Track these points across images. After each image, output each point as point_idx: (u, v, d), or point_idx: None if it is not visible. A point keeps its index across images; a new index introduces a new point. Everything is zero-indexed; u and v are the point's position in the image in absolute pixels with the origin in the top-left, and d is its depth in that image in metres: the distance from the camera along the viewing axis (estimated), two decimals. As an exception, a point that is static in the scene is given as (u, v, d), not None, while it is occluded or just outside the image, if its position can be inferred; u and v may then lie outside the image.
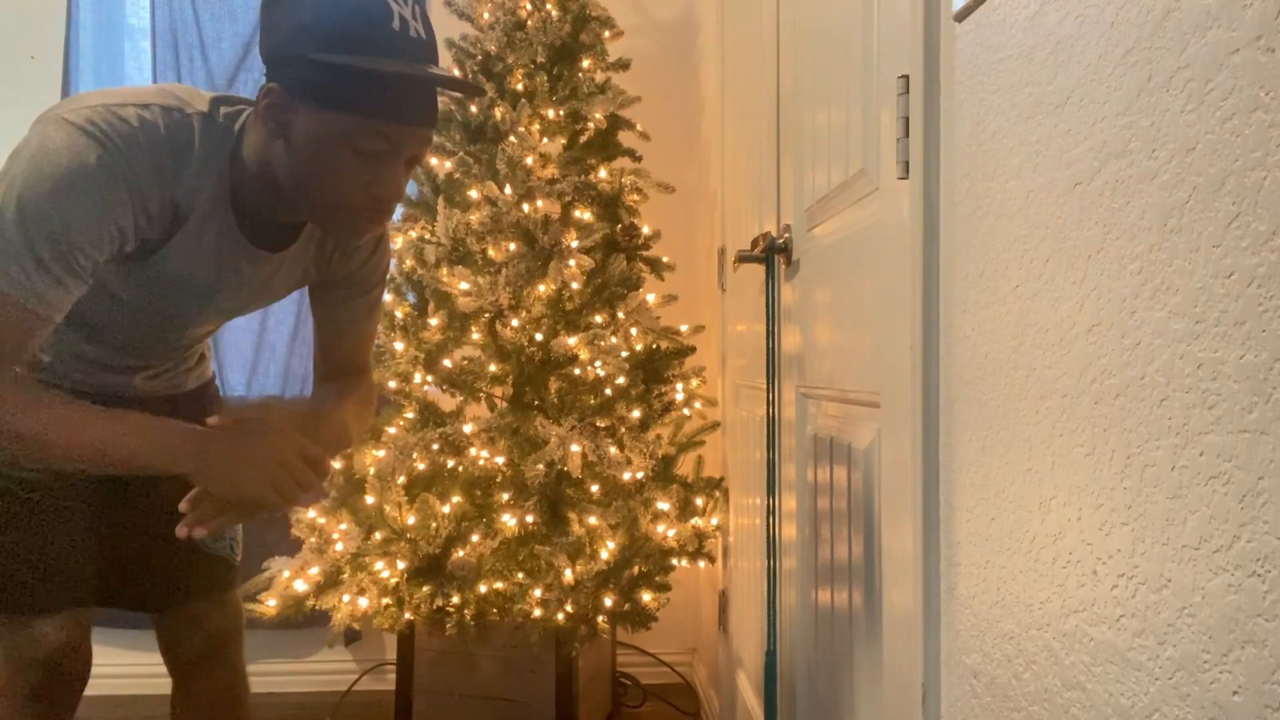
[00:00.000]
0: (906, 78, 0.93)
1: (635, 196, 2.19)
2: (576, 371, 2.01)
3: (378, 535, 1.92)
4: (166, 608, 1.34)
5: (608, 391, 1.99)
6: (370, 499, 1.97)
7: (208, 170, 1.04)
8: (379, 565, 1.89)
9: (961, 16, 0.83)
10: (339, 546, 1.92)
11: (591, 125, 2.17)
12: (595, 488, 1.99)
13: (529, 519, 1.92)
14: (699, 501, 2.12)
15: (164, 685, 1.38)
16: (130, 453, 0.98)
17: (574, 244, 1.96)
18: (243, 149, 1.05)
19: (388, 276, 1.35)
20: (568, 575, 1.84)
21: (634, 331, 2.08)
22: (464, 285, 1.95)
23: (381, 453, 1.95)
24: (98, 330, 1.16)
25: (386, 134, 0.99)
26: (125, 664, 2.35)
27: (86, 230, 0.95)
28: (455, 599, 1.86)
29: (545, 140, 2.11)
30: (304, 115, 0.98)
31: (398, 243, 2.08)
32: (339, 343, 1.30)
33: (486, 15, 2.14)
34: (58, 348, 1.17)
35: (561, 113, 2.12)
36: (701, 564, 2.13)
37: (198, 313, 1.18)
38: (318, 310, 1.29)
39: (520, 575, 1.88)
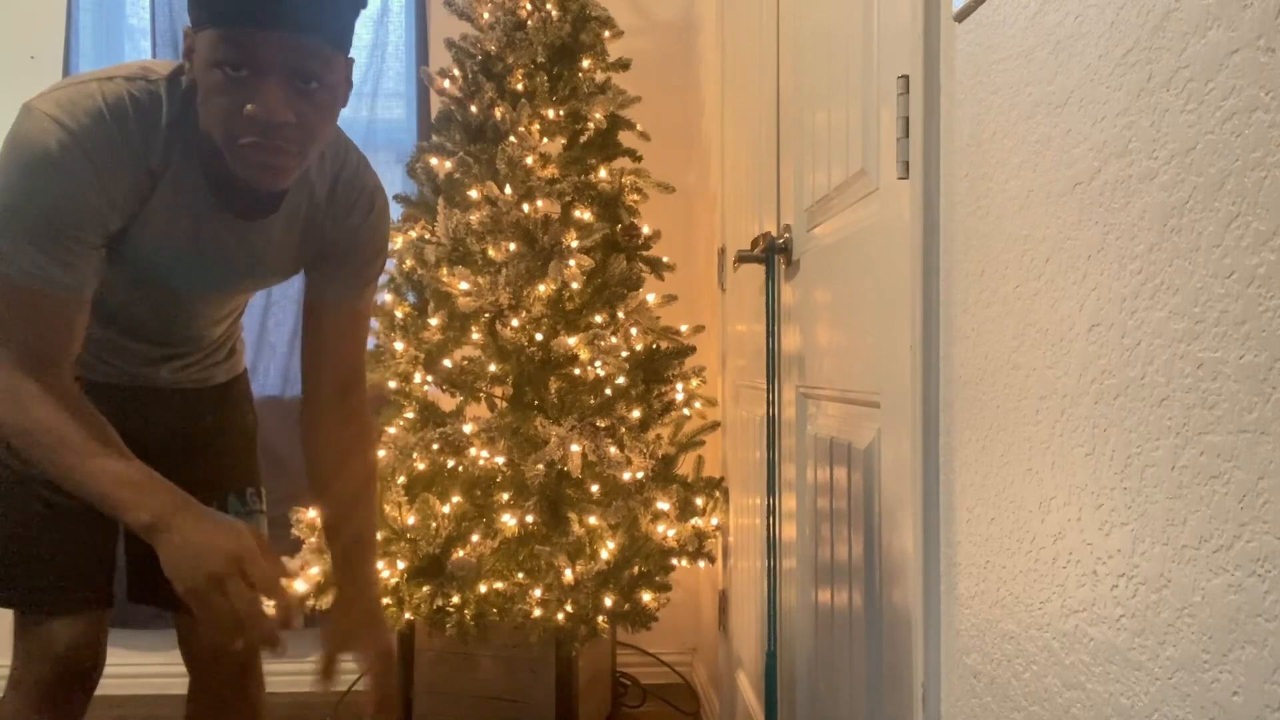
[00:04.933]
0: (906, 78, 0.93)
1: (635, 196, 2.18)
2: (576, 371, 2.01)
3: (378, 535, 1.92)
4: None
5: (608, 391, 1.99)
6: (370, 499, 1.97)
7: (175, 135, 1.03)
8: (379, 565, 1.89)
9: (961, 17, 0.83)
10: (339, 546, 1.92)
11: (591, 125, 2.17)
12: (595, 488, 1.98)
13: (529, 519, 1.92)
14: (699, 501, 2.12)
15: (165, 685, 1.38)
16: (109, 481, 0.98)
17: (574, 244, 1.96)
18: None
19: (384, 263, 1.29)
20: (568, 575, 1.84)
21: (634, 331, 2.08)
22: (464, 285, 1.95)
23: (381, 453, 1.95)
24: (102, 312, 1.15)
25: (240, 42, 0.92)
26: (125, 664, 2.34)
27: (65, 212, 0.97)
28: (455, 599, 1.86)
29: (545, 140, 2.11)
30: (193, 46, 0.96)
31: (398, 243, 2.08)
32: (331, 342, 1.24)
33: (486, 15, 2.14)
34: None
35: (561, 113, 2.12)
36: (701, 564, 2.13)
37: (192, 291, 1.17)
38: (311, 294, 1.23)
39: (520, 575, 1.88)
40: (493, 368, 2.03)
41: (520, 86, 2.12)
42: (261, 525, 1.40)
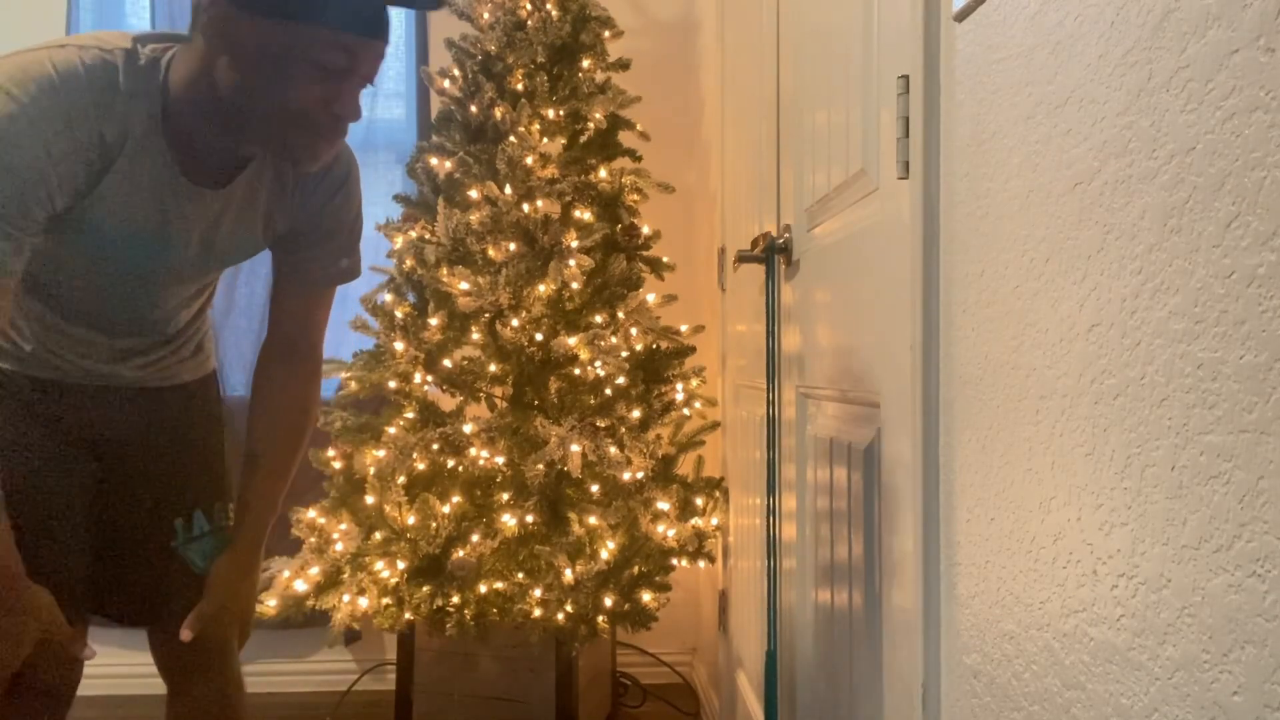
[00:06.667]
0: (906, 78, 0.93)
1: (635, 196, 2.18)
2: (576, 371, 2.01)
3: (378, 535, 1.92)
4: (155, 623, 1.32)
5: (608, 391, 1.99)
6: (370, 499, 1.97)
7: (135, 106, 1.01)
8: (379, 565, 1.89)
9: (961, 16, 0.83)
10: (339, 546, 1.92)
11: (591, 125, 2.17)
12: (595, 488, 1.98)
13: (529, 519, 1.92)
14: (699, 501, 2.12)
15: (163, 685, 1.38)
16: None
17: (574, 244, 1.96)
18: (173, 80, 1.03)
19: (359, 231, 1.29)
20: (568, 575, 1.84)
21: (634, 331, 2.08)
22: (464, 285, 1.95)
23: (381, 453, 1.95)
24: (61, 299, 1.14)
25: (347, 47, 0.96)
26: (125, 664, 2.34)
27: (5, 191, 0.94)
28: (455, 599, 1.86)
29: (545, 140, 2.11)
30: (255, 27, 0.95)
31: (397, 243, 2.08)
32: (292, 307, 1.28)
33: (486, 15, 2.14)
34: (37, 333, 1.16)
35: (561, 113, 2.12)
36: (701, 564, 2.13)
37: (157, 271, 1.16)
38: (277, 266, 1.27)
39: (520, 575, 1.88)
40: (493, 368, 2.03)
41: (520, 86, 2.12)
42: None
